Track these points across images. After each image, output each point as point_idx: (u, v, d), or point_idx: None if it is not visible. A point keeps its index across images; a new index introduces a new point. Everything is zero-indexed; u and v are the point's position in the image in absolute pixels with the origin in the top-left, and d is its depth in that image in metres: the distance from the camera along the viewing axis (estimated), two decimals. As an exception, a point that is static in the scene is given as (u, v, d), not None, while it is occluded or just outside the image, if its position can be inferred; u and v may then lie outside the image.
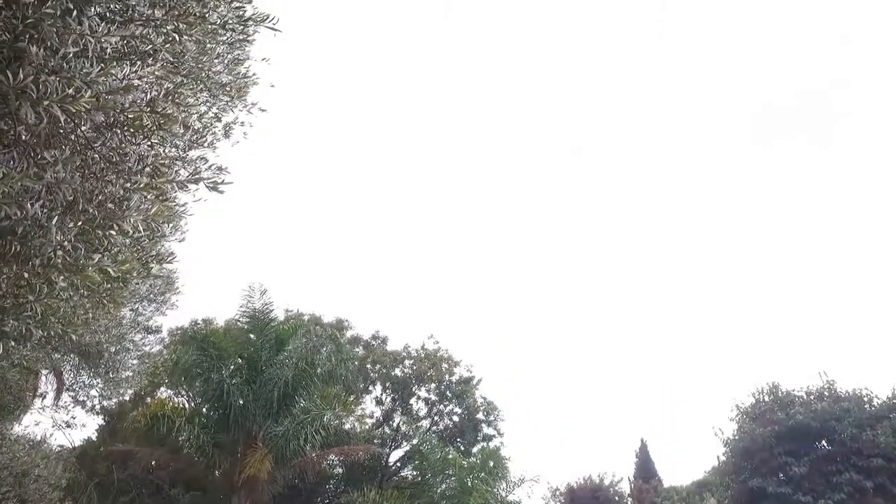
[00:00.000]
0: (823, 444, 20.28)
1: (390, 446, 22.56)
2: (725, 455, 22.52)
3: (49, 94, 2.76)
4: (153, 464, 17.30)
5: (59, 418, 15.87)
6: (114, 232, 3.51)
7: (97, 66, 2.97)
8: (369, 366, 23.50)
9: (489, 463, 20.17)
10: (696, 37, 35.48)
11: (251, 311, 17.51)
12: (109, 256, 3.64)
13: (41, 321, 4.01)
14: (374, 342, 24.42)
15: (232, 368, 17.10)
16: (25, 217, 3.08)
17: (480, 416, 23.86)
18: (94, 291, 4.25)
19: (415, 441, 21.74)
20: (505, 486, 20.01)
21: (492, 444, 23.08)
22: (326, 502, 21.70)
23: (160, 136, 3.77)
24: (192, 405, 18.45)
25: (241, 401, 16.27)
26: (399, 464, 22.62)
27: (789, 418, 20.48)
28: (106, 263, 3.53)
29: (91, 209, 3.36)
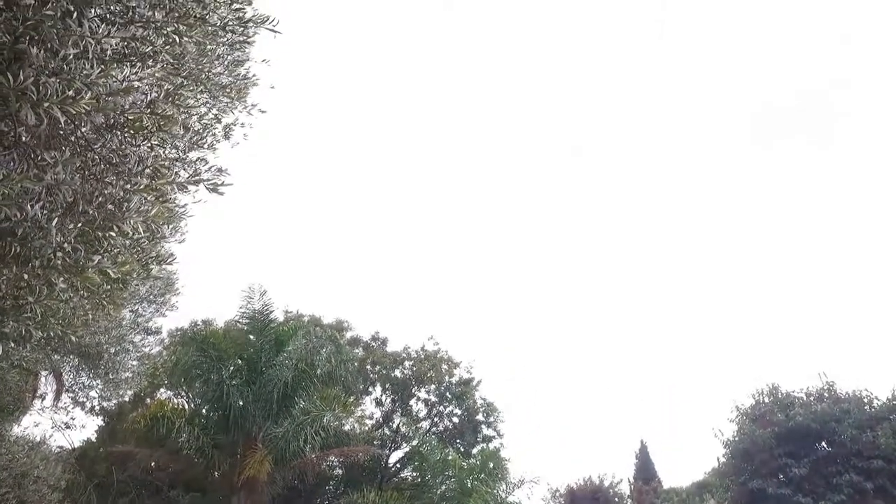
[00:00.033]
0: (823, 445, 20.29)
1: (390, 447, 22.54)
2: (725, 456, 22.52)
3: (49, 96, 2.76)
4: (153, 465, 17.29)
5: (59, 419, 15.85)
6: (114, 233, 3.51)
7: (97, 68, 2.97)
8: (369, 367, 23.49)
9: (489, 464, 20.17)
10: (696, 37, 35.53)
11: (251, 313, 17.50)
12: (109, 258, 3.64)
13: (41, 322, 4.01)
14: (374, 343, 24.41)
15: (232, 369, 17.09)
16: (25, 218, 3.08)
17: (480, 417, 23.85)
18: (93, 293, 4.25)
19: (414, 442, 21.73)
20: (505, 487, 20.02)
21: (491, 446, 23.08)
22: (326, 503, 21.69)
23: (160, 138, 3.77)
24: (192, 406, 18.44)
25: (241, 402, 16.26)
26: (399, 465, 22.60)
27: (789, 420, 20.47)
28: (106, 265, 3.53)
29: (91, 211, 3.36)
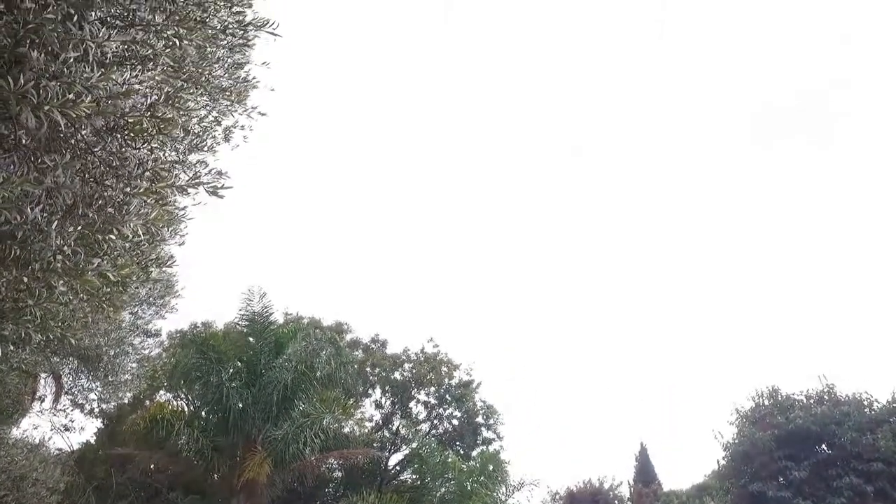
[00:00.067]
0: (823, 448, 20.27)
1: (390, 450, 22.51)
2: (725, 459, 22.50)
3: (49, 99, 2.76)
4: (152, 467, 17.26)
5: (58, 422, 15.85)
6: (113, 236, 3.51)
7: (98, 71, 2.97)
8: (369, 369, 23.48)
9: (489, 467, 20.14)
10: (696, 37, 35.58)
11: (250, 315, 17.49)
12: (109, 261, 3.64)
13: (40, 325, 4.00)
14: (374, 345, 24.40)
15: (231, 372, 17.06)
16: (25, 221, 3.08)
17: (480, 419, 23.83)
18: (93, 296, 4.25)
19: (414, 445, 21.70)
20: (504, 489, 19.99)
21: (491, 448, 23.05)
22: (325, 506, 21.65)
23: (160, 141, 3.77)
24: (192, 408, 18.40)
25: (241, 404, 16.24)
26: (398, 467, 22.57)
27: (789, 422, 20.46)
28: (105, 268, 3.53)
29: (91, 213, 3.36)
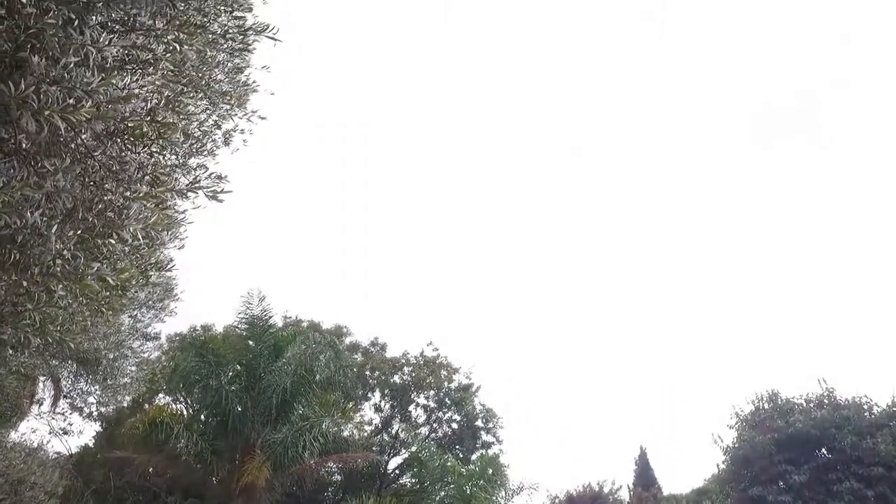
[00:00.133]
0: (823, 452, 20.23)
1: (389, 453, 22.47)
2: (725, 463, 22.46)
3: (50, 104, 2.77)
4: (150, 471, 17.22)
5: (56, 425, 15.81)
6: (113, 240, 3.51)
7: (98, 76, 2.98)
8: (368, 372, 23.45)
9: (488, 470, 20.10)
10: (696, 37, 35.66)
11: (250, 318, 17.47)
12: (108, 265, 3.64)
13: (39, 329, 4.00)
14: (373, 349, 24.38)
15: (230, 375, 17.04)
16: (25, 225, 3.08)
17: (479, 423, 23.80)
18: (92, 299, 4.25)
19: (413, 448, 21.66)
20: (504, 493, 19.93)
21: (491, 452, 23.00)
22: (324, 510, 21.59)
23: (160, 145, 3.78)
24: (191, 412, 18.37)
25: (240, 407, 16.22)
26: (398, 471, 22.53)
27: (789, 426, 20.44)
28: (105, 272, 3.53)
29: (90, 218, 3.37)
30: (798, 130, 37.15)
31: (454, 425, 23.61)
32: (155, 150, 3.76)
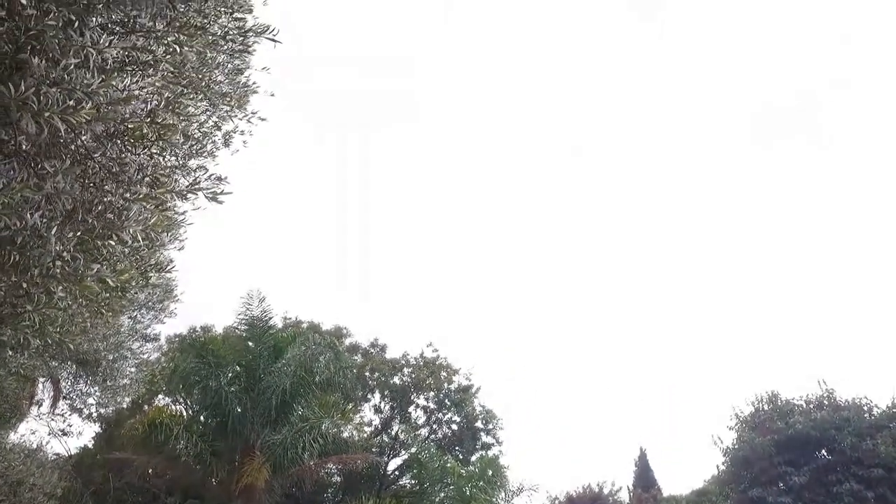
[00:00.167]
0: (823, 453, 20.23)
1: (388, 455, 22.46)
2: (725, 464, 22.47)
3: (50, 106, 2.77)
4: (150, 472, 17.21)
5: (56, 426, 15.79)
6: (113, 242, 3.51)
7: (98, 77, 2.98)
8: (368, 374, 23.44)
9: (488, 472, 20.09)
10: (696, 37, 35.68)
11: (249, 319, 17.47)
12: (108, 266, 3.64)
13: (39, 330, 4.00)
14: (373, 350, 24.37)
15: (230, 376, 17.03)
16: (25, 227, 3.08)
17: (479, 424, 23.79)
18: (92, 301, 4.24)
19: (413, 449, 21.65)
20: (504, 495, 19.93)
21: (490, 453, 23.00)
22: (324, 511, 21.57)
23: (160, 146, 3.78)
24: (190, 413, 18.36)
25: (239, 409, 16.21)
26: (397, 472, 22.51)
27: (789, 427, 20.44)
28: (105, 273, 3.52)
29: (90, 219, 3.37)
30: (798, 130, 37.18)
31: (454, 426, 23.60)
32: (155, 151, 3.76)
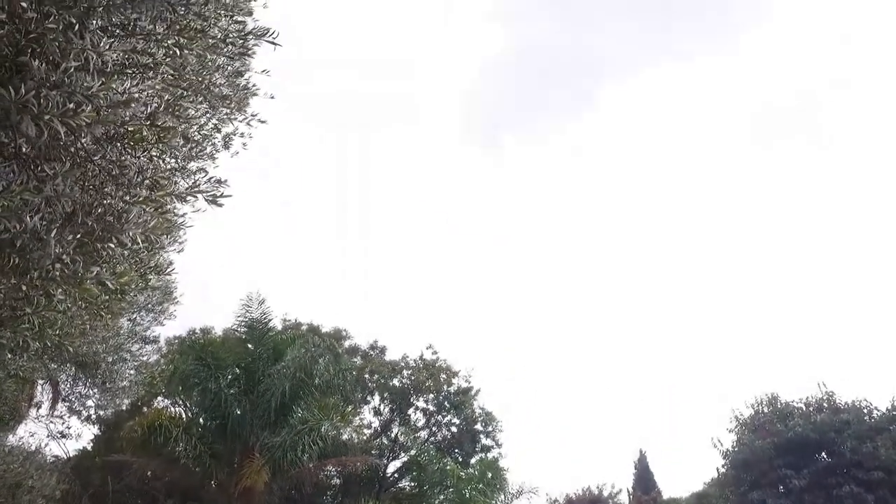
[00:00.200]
0: (823, 456, 20.21)
1: (388, 457, 22.43)
2: (725, 467, 22.44)
3: (50, 109, 2.77)
4: (149, 474, 17.20)
5: (55, 428, 15.79)
6: (112, 244, 3.51)
7: (98, 80, 2.98)
8: (367, 376, 23.42)
9: (487, 474, 20.09)
10: (696, 37, 35.77)
11: (249, 321, 17.45)
12: (108, 269, 3.64)
13: (38, 333, 4.00)
14: (373, 352, 24.35)
15: (229, 378, 17.01)
16: (24, 230, 3.07)
17: (479, 426, 23.76)
18: (91, 303, 4.24)
19: (413, 452, 21.63)
20: (503, 497, 19.92)
21: (490, 455, 22.98)
22: (323, 514, 21.53)
23: (160, 149, 3.78)
24: (189, 415, 18.34)
25: (239, 411, 16.19)
26: (397, 475, 22.47)
27: (789, 430, 20.41)
28: (104, 276, 3.52)
29: (90, 222, 3.36)
30: (798, 130, 37.27)
31: (453, 429, 23.57)
32: (155, 154, 3.76)
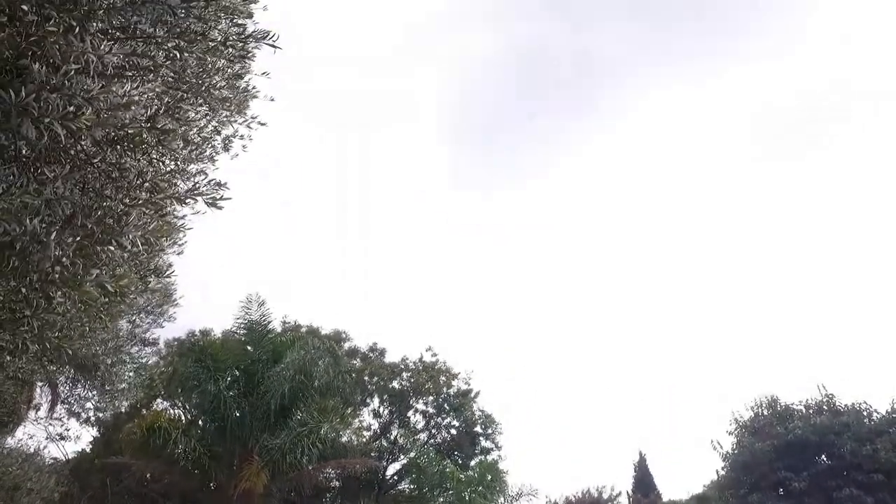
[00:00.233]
0: (823, 458, 20.20)
1: (387, 459, 22.40)
2: (724, 469, 22.43)
3: (50, 111, 2.77)
4: (148, 476, 17.18)
5: (53, 430, 15.77)
6: (112, 247, 3.51)
7: (98, 83, 2.99)
8: (367, 378, 23.40)
9: (487, 476, 20.06)
10: (696, 37, 35.79)
11: (248, 323, 17.45)
12: (107, 271, 3.64)
13: (37, 335, 4.00)
14: (372, 354, 24.33)
15: (229, 380, 16.99)
16: (24, 232, 3.08)
17: (478, 429, 23.74)
18: (91, 306, 4.24)
19: (412, 454, 21.61)
20: (503, 500, 19.91)
21: (490, 458, 22.94)
22: (322, 516, 21.50)
23: (160, 152, 3.79)
24: (189, 417, 18.31)
25: (238, 413, 16.17)
26: (396, 477, 22.45)
27: (788, 432, 20.40)
28: (104, 278, 3.52)
29: (90, 224, 3.36)
30: (798, 130, 37.24)
31: (453, 431, 23.55)
32: (154, 156, 3.77)
